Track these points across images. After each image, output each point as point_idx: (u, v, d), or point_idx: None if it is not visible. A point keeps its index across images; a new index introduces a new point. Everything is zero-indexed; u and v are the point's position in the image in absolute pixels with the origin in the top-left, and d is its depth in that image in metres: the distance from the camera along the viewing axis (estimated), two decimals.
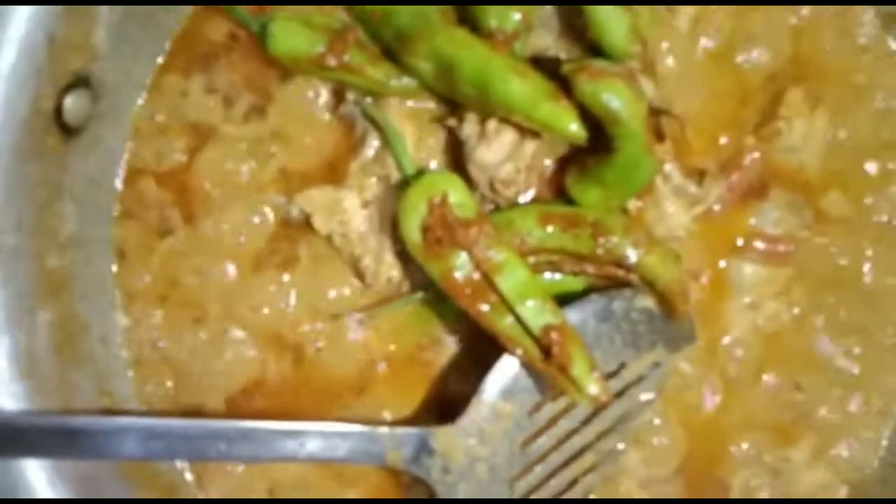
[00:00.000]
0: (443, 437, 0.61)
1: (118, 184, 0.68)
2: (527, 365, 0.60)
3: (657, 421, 0.66)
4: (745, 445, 0.66)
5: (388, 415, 0.67)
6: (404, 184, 0.62)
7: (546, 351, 0.58)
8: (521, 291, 0.58)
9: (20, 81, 0.59)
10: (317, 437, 0.60)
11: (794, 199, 0.66)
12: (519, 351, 0.59)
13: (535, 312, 0.58)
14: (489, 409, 0.61)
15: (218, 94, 0.67)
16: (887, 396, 0.67)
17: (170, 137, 0.67)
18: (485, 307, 0.59)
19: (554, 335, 0.58)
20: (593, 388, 0.58)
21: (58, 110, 0.62)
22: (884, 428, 0.67)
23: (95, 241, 0.67)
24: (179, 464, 0.68)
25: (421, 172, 0.63)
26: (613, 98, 0.55)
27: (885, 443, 0.67)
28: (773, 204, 0.66)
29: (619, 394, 0.62)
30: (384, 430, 0.62)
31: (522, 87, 0.58)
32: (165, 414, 0.67)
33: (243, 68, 0.67)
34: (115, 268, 0.68)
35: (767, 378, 0.66)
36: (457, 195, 0.59)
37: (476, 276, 0.59)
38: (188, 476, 0.68)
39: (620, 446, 0.64)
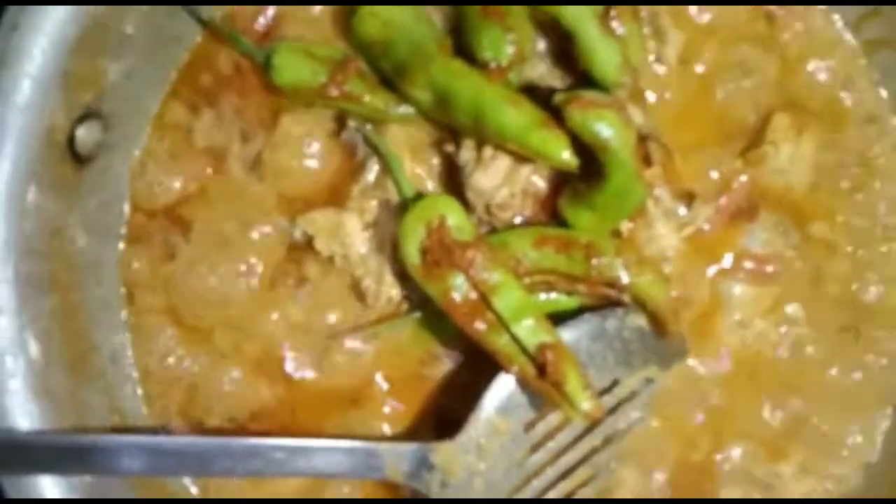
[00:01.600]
0: (442, 452, 0.62)
1: (127, 209, 0.69)
2: (522, 382, 0.61)
3: (648, 435, 0.67)
4: (735, 460, 0.67)
5: (387, 430, 0.68)
6: (404, 207, 0.63)
7: (541, 369, 0.59)
8: (516, 311, 0.59)
9: (36, 114, 0.61)
10: (319, 453, 0.61)
11: (781, 220, 0.67)
12: (515, 368, 0.60)
13: (531, 331, 0.59)
14: (487, 425, 0.62)
15: (223, 123, 0.69)
16: (873, 411, 0.68)
17: (176, 164, 0.69)
18: (482, 326, 0.60)
19: (548, 354, 0.59)
20: (586, 405, 0.59)
21: (70, 140, 0.63)
22: (871, 443, 0.68)
23: (105, 263, 0.68)
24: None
25: (420, 196, 0.64)
26: (603, 128, 0.56)
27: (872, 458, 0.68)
28: (761, 225, 0.67)
29: (613, 409, 0.63)
30: (385, 445, 0.63)
31: (516, 116, 0.59)
32: (173, 430, 0.69)
33: (247, 97, 0.68)
34: (123, 289, 0.69)
35: (757, 394, 0.67)
36: (454, 218, 0.60)
37: (473, 296, 0.60)
38: (193, 490, 0.69)
39: (614, 465, 0.65)
